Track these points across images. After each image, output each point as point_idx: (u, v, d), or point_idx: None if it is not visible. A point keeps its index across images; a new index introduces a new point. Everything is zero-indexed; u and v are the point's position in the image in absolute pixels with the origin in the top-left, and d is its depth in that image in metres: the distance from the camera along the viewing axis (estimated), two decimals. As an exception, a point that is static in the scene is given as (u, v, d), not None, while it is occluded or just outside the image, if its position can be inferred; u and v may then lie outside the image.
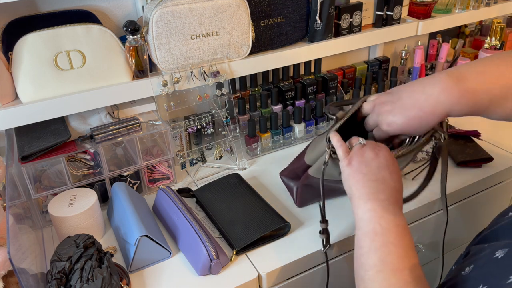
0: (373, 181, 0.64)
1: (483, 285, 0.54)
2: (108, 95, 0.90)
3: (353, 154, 0.67)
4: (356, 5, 1.14)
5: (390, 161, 0.66)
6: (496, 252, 0.57)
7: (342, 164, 0.68)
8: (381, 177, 0.64)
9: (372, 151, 0.67)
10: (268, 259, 0.81)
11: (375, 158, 0.66)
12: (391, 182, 0.64)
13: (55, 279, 0.67)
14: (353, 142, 0.70)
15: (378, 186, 0.63)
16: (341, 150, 0.69)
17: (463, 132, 1.15)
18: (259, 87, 1.19)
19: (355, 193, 0.65)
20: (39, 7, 0.92)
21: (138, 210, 0.84)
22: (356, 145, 0.69)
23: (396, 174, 0.66)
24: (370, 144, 0.68)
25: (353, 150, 0.68)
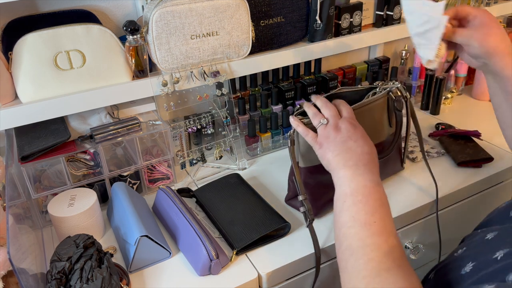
0: (341, 154, 0.71)
1: (471, 262, 0.58)
2: (108, 95, 0.90)
3: (320, 137, 0.75)
4: (356, 5, 1.14)
5: (352, 130, 0.73)
6: (487, 235, 0.60)
7: (315, 148, 0.76)
8: (346, 147, 0.71)
9: (334, 129, 0.74)
10: (268, 259, 0.81)
11: (338, 134, 0.73)
12: (357, 149, 0.71)
13: (55, 279, 0.67)
14: (314, 123, 0.77)
15: (345, 155, 0.71)
16: (309, 137, 0.77)
17: (463, 132, 1.15)
18: (259, 87, 1.19)
19: (330, 167, 0.73)
20: (39, 7, 0.92)
21: (138, 210, 0.84)
22: (320, 126, 0.76)
23: (360, 140, 0.72)
24: (332, 121, 0.75)
25: (319, 133, 0.76)
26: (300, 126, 0.78)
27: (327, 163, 0.73)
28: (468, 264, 0.58)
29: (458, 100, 1.40)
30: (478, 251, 0.59)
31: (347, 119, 0.75)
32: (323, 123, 0.75)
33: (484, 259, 0.55)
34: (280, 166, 1.09)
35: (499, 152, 1.10)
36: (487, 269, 0.53)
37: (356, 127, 0.74)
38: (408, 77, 1.38)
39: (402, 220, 0.93)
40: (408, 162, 1.08)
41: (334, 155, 0.71)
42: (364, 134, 0.74)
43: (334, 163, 0.71)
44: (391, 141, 0.95)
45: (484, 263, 0.55)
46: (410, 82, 1.36)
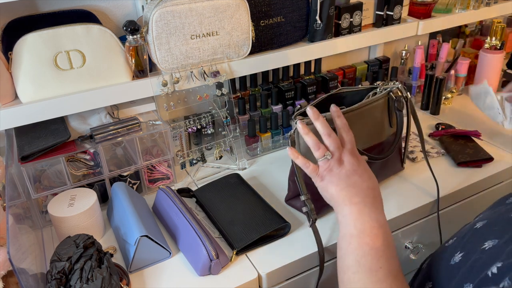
0: (345, 188, 0.68)
1: (460, 251, 0.58)
2: (108, 95, 0.90)
3: (323, 171, 0.72)
4: (356, 5, 1.14)
5: (356, 164, 0.71)
6: (477, 224, 0.61)
7: (315, 181, 0.73)
8: (351, 182, 0.69)
9: (337, 162, 0.71)
10: (268, 259, 0.81)
11: (342, 169, 0.70)
12: (362, 184, 0.69)
13: (55, 279, 0.67)
14: (317, 155, 0.72)
15: (351, 191, 0.68)
16: (309, 169, 0.74)
17: (464, 132, 1.15)
18: (259, 87, 1.19)
19: (333, 202, 0.70)
20: (39, 7, 0.92)
21: (138, 210, 0.84)
22: (322, 160, 0.72)
23: (366, 175, 0.70)
24: (335, 156, 0.71)
25: (321, 166, 0.72)
26: (300, 158, 0.75)
27: (329, 197, 0.70)
28: (457, 254, 0.59)
29: (458, 100, 1.40)
30: (468, 240, 0.60)
31: (349, 151, 0.72)
32: (327, 157, 0.71)
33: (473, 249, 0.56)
34: (280, 166, 1.09)
35: (499, 152, 1.10)
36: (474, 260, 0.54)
37: (360, 160, 0.72)
38: (408, 77, 1.38)
39: (402, 220, 0.93)
40: (408, 162, 1.08)
41: (338, 190, 0.69)
42: (367, 168, 0.72)
43: (339, 199, 0.68)
44: (391, 142, 0.95)
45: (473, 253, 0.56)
46: (410, 82, 1.36)
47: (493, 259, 0.51)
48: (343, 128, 0.75)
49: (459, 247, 0.60)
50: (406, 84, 1.36)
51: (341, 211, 0.68)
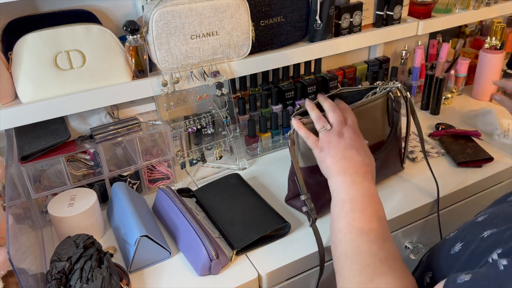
0: (341, 160, 0.71)
1: (460, 242, 0.59)
2: (108, 95, 0.90)
3: (322, 142, 0.75)
4: (356, 5, 1.14)
5: (355, 139, 0.74)
6: (479, 218, 0.62)
7: (314, 152, 0.76)
8: (348, 155, 0.71)
9: (338, 135, 0.74)
10: (268, 259, 0.81)
11: (341, 141, 0.73)
12: (358, 158, 0.71)
13: (55, 279, 0.67)
14: (318, 127, 0.77)
15: (346, 163, 0.71)
16: (310, 140, 0.77)
17: (464, 132, 1.15)
18: (259, 87, 1.19)
19: (328, 173, 0.73)
20: (39, 7, 0.92)
21: (138, 210, 0.84)
22: (322, 131, 0.76)
23: (363, 150, 0.73)
24: (336, 128, 0.75)
25: (321, 138, 0.75)
26: (302, 129, 0.78)
27: (325, 168, 0.73)
28: (458, 244, 0.60)
29: (458, 100, 1.40)
30: (468, 231, 0.61)
31: (351, 127, 0.76)
32: (326, 128, 0.75)
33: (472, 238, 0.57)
34: (280, 166, 1.09)
35: (499, 152, 1.10)
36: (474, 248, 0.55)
37: (359, 137, 0.75)
38: (408, 77, 1.38)
39: (402, 220, 0.93)
40: (408, 162, 1.08)
41: (334, 161, 0.72)
42: (365, 146, 0.75)
43: (333, 169, 0.71)
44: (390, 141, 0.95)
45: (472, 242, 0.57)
46: (410, 82, 1.36)
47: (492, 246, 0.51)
48: (345, 108, 0.80)
49: (459, 239, 0.61)
50: (406, 84, 1.36)
51: (334, 180, 0.71)
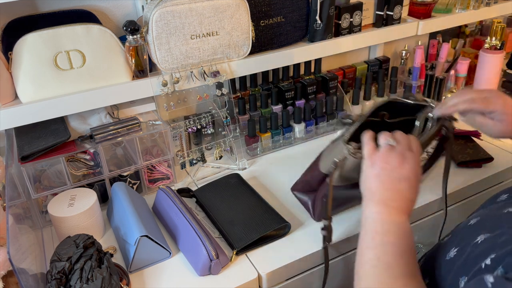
0: (389, 190, 0.64)
1: (455, 248, 0.58)
2: (108, 95, 0.90)
3: (378, 157, 0.66)
4: (356, 5, 1.14)
5: (414, 173, 0.64)
6: (470, 220, 0.61)
7: (365, 163, 0.67)
8: (399, 188, 0.64)
9: (399, 159, 0.64)
10: (268, 259, 0.81)
11: (399, 168, 0.64)
12: (407, 194, 0.64)
13: (55, 279, 0.67)
14: (381, 141, 0.67)
15: (393, 195, 0.63)
16: (367, 148, 0.68)
17: (464, 132, 1.14)
18: (259, 87, 1.19)
19: (368, 195, 0.66)
20: (39, 7, 0.92)
21: (138, 210, 0.84)
22: (384, 145, 0.66)
23: (415, 187, 0.65)
24: (400, 149, 0.66)
25: (380, 151, 0.66)
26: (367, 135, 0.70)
27: (368, 189, 0.66)
28: (452, 249, 0.59)
29: (458, 100, 1.40)
30: (462, 236, 0.60)
31: (416, 155, 0.66)
32: (391, 143, 0.66)
33: (467, 243, 0.56)
34: (280, 166, 1.09)
35: (499, 152, 1.10)
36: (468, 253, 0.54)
37: (419, 169, 0.66)
38: (408, 77, 1.38)
39: (402, 220, 0.93)
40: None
41: (381, 189, 0.64)
42: (419, 181, 0.66)
43: (376, 196, 0.64)
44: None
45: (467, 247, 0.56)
46: (410, 82, 1.36)
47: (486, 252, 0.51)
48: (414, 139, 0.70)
49: (454, 244, 0.60)
50: (406, 84, 1.36)
51: (372, 207, 0.64)
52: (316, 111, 1.18)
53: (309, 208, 0.88)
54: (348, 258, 0.89)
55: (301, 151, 1.15)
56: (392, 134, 0.68)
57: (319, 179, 0.83)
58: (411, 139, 0.69)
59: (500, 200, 0.67)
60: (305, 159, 1.11)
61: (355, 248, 0.88)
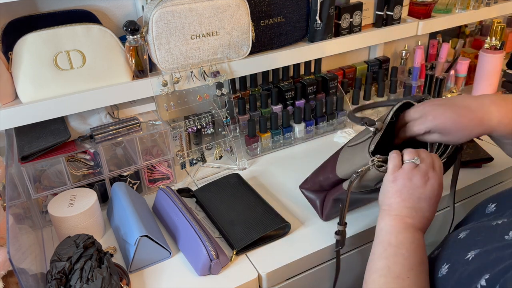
0: (409, 208, 0.64)
1: (446, 263, 0.58)
2: (108, 95, 0.90)
3: (401, 173, 0.66)
4: (356, 5, 1.14)
5: (435, 193, 0.65)
6: (460, 234, 0.61)
7: (387, 178, 0.67)
8: (418, 207, 0.64)
9: (422, 178, 0.65)
10: (268, 259, 0.81)
11: (421, 188, 0.65)
12: (425, 213, 0.65)
13: (55, 279, 0.67)
14: (406, 158, 0.67)
15: (411, 213, 0.64)
16: (392, 164, 0.67)
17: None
18: (259, 87, 1.19)
19: (386, 208, 0.66)
20: (39, 7, 0.92)
21: (138, 210, 0.84)
22: (408, 162, 0.66)
23: (434, 206, 0.66)
24: (423, 168, 0.66)
25: (403, 168, 0.66)
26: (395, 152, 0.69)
27: (387, 203, 0.66)
28: (444, 266, 0.58)
29: (458, 100, 1.40)
30: (452, 251, 0.60)
31: (439, 176, 0.67)
32: (415, 162, 0.66)
33: (457, 260, 0.56)
34: (280, 166, 1.09)
35: (499, 152, 1.09)
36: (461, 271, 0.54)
37: (441, 190, 0.67)
38: (408, 77, 1.38)
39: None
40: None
41: (400, 205, 0.64)
42: (438, 200, 0.67)
43: (394, 211, 0.65)
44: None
45: (458, 264, 0.56)
46: (410, 82, 1.36)
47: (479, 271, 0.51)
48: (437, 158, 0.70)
49: (444, 259, 0.60)
50: (406, 84, 1.36)
51: (388, 220, 0.65)
52: (316, 111, 1.18)
53: (317, 207, 0.87)
54: (349, 258, 0.89)
55: (301, 151, 1.15)
56: (416, 152, 0.68)
57: (333, 181, 0.82)
58: (434, 158, 0.69)
59: (489, 211, 0.67)
60: (305, 159, 1.12)
61: (359, 246, 0.88)
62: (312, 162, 0.90)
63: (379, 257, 0.62)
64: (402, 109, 0.77)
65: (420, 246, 0.63)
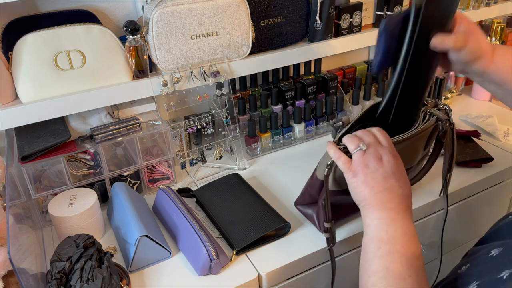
0: (381, 192, 0.63)
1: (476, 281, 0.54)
2: (108, 95, 0.90)
3: (356, 165, 0.65)
4: (356, 5, 1.14)
5: (395, 166, 0.65)
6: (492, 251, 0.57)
7: (347, 177, 0.67)
8: (388, 186, 0.64)
9: (375, 158, 0.65)
10: (268, 259, 0.81)
11: (380, 167, 0.64)
12: (399, 190, 0.64)
13: (55, 279, 0.67)
14: (350, 148, 0.67)
15: (386, 196, 0.63)
16: (341, 161, 0.67)
17: (463, 132, 1.15)
18: (259, 87, 1.19)
19: (363, 204, 0.65)
20: (39, 7, 0.92)
21: (138, 210, 0.84)
22: (356, 152, 0.66)
23: (403, 180, 0.65)
24: (372, 148, 0.66)
25: (355, 160, 0.66)
26: (333, 148, 0.70)
27: (361, 198, 0.65)
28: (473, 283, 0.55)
29: (458, 100, 1.40)
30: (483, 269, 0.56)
31: (388, 149, 0.66)
32: (361, 148, 0.66)
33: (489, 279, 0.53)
34: (280, 166, 1.09)
35: (499, 152, 1.10)
36: None
37: (399, 161, 0.66)
38: (408, 77, 1.38)
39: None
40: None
41: (373, 193, 0.63)
42: (404, 173, 0.66)
43: (371, 201, 0.63)
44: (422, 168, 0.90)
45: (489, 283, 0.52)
46: (410, 82, 1.36)
47: None
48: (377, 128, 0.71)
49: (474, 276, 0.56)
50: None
51: (371, 214, 0.63)
52: (316, 111, 1.18)
53: (314, 221, 0.86)
54: (348, 258, 0.89)
55: (301, 151, 1.16)
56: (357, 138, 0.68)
57: (318, 187, 0.82)
58: (376, 134, 0.69)
59: None
60: (305, 159, 1.12)
61: (358, 247, 0.88)
62: (312, 162, 0.89)
63: (374, 257, 0.60)
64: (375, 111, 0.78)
65: (412, 235, 0.61)
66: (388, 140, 0.69)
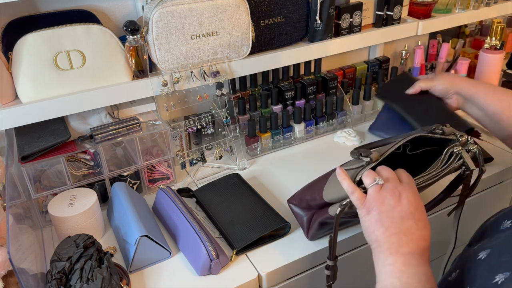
0: (396, 234, 0.58)
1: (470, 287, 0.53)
2: (108, 95, 0.90)
3: (371, 201, 0.60)
4: (356, 5, 1.14)
5: (414, 206, 0.59)
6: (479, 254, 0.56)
7: (360, 214, 0.61)
8: (405, 228, 0.58)
9: (393, 195, 0.59)
10: (268, 259, 0.81)
11: (397, 205, 0.59)
12: (416, 232, 0.58)
13: (55, 279, 0.67)
14: (366, 182, 0.62)
15: (402, 239, 0.57)
16: (355, 197, 0.62)
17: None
18: (259, 87, 1.19)
19: (375, 246, 0.60)
20: (39, 7, 0.92)
21: (138, 210, 0.84)
22: (372, 186, 0.61)
23: (422, 221, 0.59)
24: (390, 185, 0.60)
25: (370, 195, 0.60)
26: (346, 180, 0.63)
27: (373, 238, 0.59)
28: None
29: (458, 100, 1.40)
30: (474, 274, 0.54)
31: (409, 187, 0.61)
32: (378, 182, 0.60)
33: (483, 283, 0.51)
34: (280, 166, 1.09)
35: (499, 152, 1.10)
36: None
37: (419, 200, 0.60)
38: (408, 77, 1.38)
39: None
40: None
41: (387, 234, 0.58)
42: (424, 213, 0.60)
43: (385, 244, 0.58)
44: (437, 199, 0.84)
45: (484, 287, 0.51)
46: (410, 82, 1.36)
47: None
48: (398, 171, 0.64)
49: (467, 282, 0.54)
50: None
51: (383, 259, 0.58)
52: (316, 111, 1.18)
53: (303, 225, 0.83)
54: (349, 259, 0.89)
55: (301, 151, 1.16)
56: (374, 172, 0.62)
57: (319, 203, 0.77)
58: (398, 171, 0.64)
59: (505, 227, 0.61)
60: (305, 159, 1.12)
61: (357, 247, 0.88)
62: (312, 162, 0.90)
63: None
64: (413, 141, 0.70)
65: (428, 280, 0.55)
66: (408, 176, 0.63)
